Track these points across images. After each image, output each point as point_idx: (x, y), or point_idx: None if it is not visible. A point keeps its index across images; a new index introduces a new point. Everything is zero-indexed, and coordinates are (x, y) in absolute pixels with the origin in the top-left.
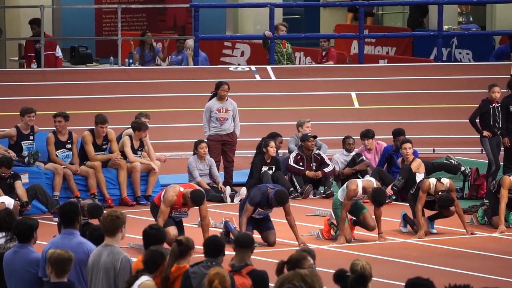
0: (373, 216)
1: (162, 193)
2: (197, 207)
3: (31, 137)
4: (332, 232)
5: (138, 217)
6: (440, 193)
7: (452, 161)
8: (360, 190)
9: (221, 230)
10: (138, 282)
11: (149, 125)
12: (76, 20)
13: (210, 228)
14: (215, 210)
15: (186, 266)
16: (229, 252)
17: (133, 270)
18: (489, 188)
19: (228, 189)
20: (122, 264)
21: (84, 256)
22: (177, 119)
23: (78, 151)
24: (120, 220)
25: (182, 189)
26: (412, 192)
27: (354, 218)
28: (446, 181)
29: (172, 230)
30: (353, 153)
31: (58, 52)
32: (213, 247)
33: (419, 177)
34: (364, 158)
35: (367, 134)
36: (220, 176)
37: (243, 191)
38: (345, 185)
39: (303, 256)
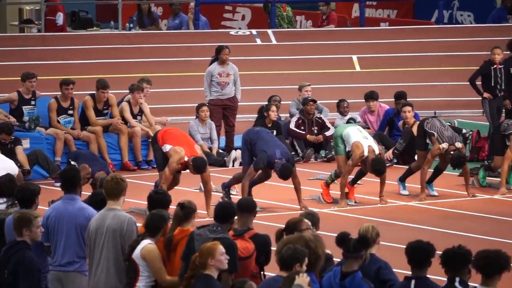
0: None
1: (168, 149)
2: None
3: (33, 102)
4: (332, 196)
5: (139, 182)
6: (451, 152)
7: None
8: (366, 153)
9: (221, 195)
10: (140, 246)
11: (150, 90)
12: None
13: (211, 193)
14: (216, 174)
15: (190, 229)
16: None
17: None
18: (496, 126)
19: (233, 153)
20: (128, 226)
21: (85, 221)
22: (178, 83)
23: (79, 116)
24: (124, 183)
25: (186, 159)
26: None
27: (352, 177)
28: (459, 145)
29: None
30: (348, 116)
31: (58, 19)
32: (222, 213)
33: None
34: (360, 120)
35: (372, 96)
36: (220, 140)
37: (238, 154)
38: (349, 132)
39: (299, 219)
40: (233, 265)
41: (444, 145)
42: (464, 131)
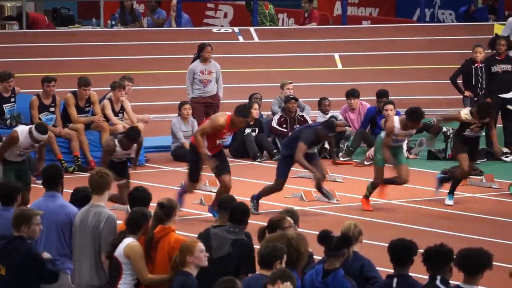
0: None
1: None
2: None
3: (12, 99)
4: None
5: None
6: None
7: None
8: (397, 125)
9: (204, 192)
10: (123, 244)
11: (132, 87)
12: None
13: (195, 190)
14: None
15: (171, 226)
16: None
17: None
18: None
19: None
20: (106, 223)
21: (65, 218)
22: (161, 81)
23: (60, 113)
24: (109, 177)
25: (229, 113)
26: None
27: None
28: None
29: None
30: (329, 114)
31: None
32: (238, 215)
33: None
34: (341, 118)
35: (353, 93)
36: None
37: None
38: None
39: (281, 217)
40: (251, 265)
41: (466, 110)
42: (444, 129)
